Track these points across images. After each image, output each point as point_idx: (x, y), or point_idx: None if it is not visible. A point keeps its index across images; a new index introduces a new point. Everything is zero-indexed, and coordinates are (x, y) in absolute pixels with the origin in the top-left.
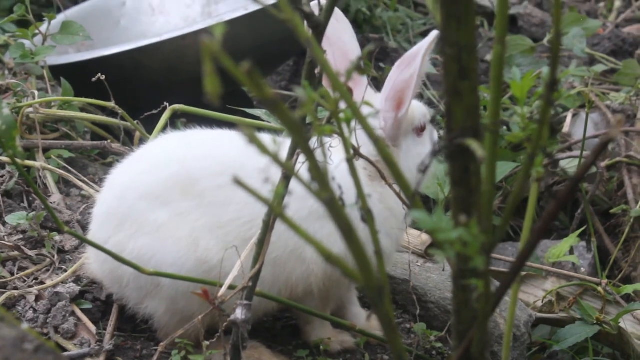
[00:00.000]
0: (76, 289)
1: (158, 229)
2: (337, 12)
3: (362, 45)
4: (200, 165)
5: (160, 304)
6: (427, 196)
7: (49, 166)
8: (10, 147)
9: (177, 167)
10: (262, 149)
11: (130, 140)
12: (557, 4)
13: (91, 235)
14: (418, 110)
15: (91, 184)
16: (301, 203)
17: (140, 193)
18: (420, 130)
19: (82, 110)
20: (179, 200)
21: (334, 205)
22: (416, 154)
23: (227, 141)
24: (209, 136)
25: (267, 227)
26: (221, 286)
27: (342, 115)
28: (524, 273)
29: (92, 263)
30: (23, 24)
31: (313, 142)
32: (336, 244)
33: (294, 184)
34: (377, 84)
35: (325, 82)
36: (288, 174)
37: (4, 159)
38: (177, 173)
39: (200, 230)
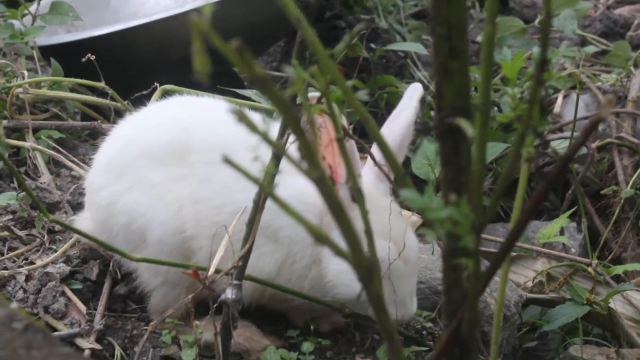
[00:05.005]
0: (66, 269)
1: (152, 188)
2: None
3: (353, 26)
4: (200, 137)
5: None
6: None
7: (39, 147)
8: None
9: (179, 132)
10: (252, 127)
11: (120, 120)
12: None
13: (90, 181)
14: None
15: (81, 164)
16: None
17: (141, 149)
18: None
19: (72, 90)
20: (174, 165)
21: (323, 184)
22: None
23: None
24: (218, 109)
25: (257, 208)
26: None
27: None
28: (514, 254)
29: (84, 218)
30: (12, 4)
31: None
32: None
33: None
34: (368, 65)
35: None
36: (278, 153)
37: None
38: (178, 138)
39: (183, 199)
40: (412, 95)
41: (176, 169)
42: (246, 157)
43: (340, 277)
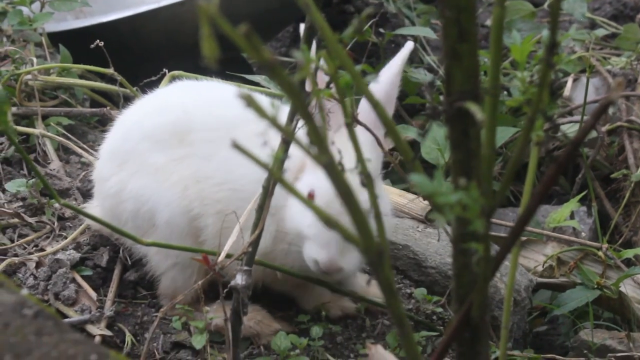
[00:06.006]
0: (76, 255)
1: (155, 171)
2: None
3: (361, 10)
4: (199, 117)
5: None
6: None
7: (48, 133)
8: (2, 122)
9: (179, 114)
10: (260, 112)
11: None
12: None
13: (97, 171)
14: None
15: (91, 150)
16: None
17: (142, 134)
18: None
19: (81, 77)
20: (175, 146)
21: (332, 169)
22: None
23: (232, 99)
24: (218, 90)
25: (267, 193)
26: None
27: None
28: (524, 238)
29: (95, 206)
30: None
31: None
32: None
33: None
34: (377, 49)
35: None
36: (287, 138)
37: None
38: (177, 120)
39: (187, 179)
40: (404, 49)
41: (178, 150)
42: (246, 132)
43: (291, 210)
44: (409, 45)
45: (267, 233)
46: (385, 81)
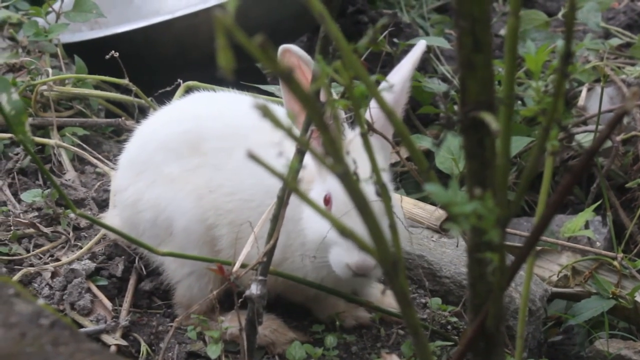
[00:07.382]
0: (92, 265)
1: (171, 181)
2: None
3: (376, 21)
4: (211, 125)
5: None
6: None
7: (64, 144)
8: (19, 132)
9: (191, 124)
10: (276, 123)
11: (144, 118)
12: None
13: (115, 182)
14: None
15: (106, 161)
16: None
17: (158, 145)
18: None
19: (96, 87)
20: (188, 156)
21: (348, 179)
22: None
23: (244, 109)
24: (231, 100)
25: (282, 203)
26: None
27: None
28: (539, 247)
29: (114, 215)
30: (36, 1)
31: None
32: None
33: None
34: (391, 59)
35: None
36: (302, 148)
37: None
38: (190, 129)
39: (201, 188)
40: (415, 50)
41: (191, 160)
42: (257, 141)
43: (310, 220)
44: (421, 46)
45: (280, 244)
46: (397, 80)
